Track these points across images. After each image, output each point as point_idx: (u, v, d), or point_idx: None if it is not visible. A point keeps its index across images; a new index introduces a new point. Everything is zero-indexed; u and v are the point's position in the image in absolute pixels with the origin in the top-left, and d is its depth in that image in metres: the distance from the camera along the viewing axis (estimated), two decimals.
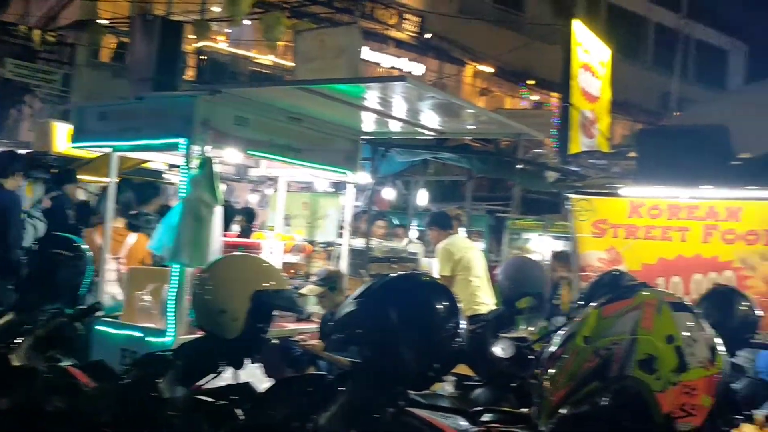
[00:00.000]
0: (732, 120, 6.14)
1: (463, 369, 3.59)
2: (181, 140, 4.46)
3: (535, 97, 19.98)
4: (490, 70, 19.15)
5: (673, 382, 1.47)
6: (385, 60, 17.29)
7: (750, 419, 3.34)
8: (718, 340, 1.56)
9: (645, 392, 1.48)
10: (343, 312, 1.99)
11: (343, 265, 5.66)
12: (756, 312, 3.50)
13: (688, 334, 1.51)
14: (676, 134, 6.40)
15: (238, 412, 2.26)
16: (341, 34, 6.07)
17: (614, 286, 3.67)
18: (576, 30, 8.74)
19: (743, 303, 3.47)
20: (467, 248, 6.22)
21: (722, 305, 3.42)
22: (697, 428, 1.51)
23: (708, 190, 5.14)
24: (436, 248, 6.25)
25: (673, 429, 1.48)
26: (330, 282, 4.88)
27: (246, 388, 2.39)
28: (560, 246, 8.48)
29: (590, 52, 9.12)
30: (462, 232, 7.66)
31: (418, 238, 9.70)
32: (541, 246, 9.21)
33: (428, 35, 17.88)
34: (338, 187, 6.62)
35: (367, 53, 15.46)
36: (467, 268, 6.00)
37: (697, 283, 4.97)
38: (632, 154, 6.24)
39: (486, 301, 5.94)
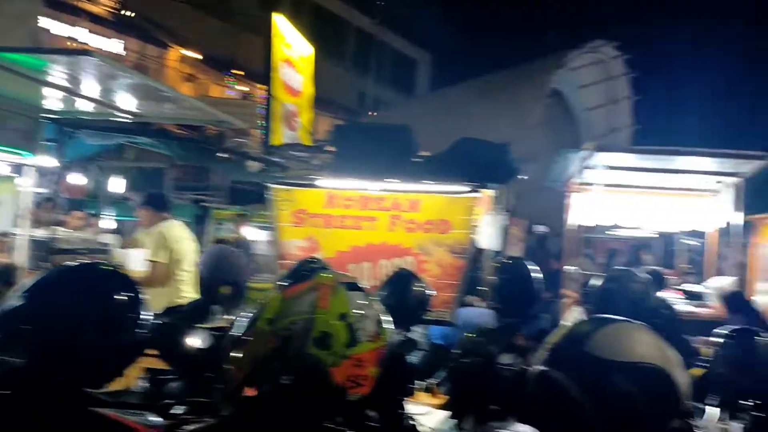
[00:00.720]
0: (417, 121, 6.83)
1: (158, 363, 3.46)
2: None
3: (243, 87, 19.99)
4: (197, 56, 18.66)
5: (344, 356, 1.58)
6: (80, 35, 15.81)
7: (427, 388, 3.75)
8: (386, 317, 1.71)
9: (320, 368, 1.56)
10: (8, 307, 1.78)
11: (20, 258, 5.07)
12: (428, 292, 3.95)
13: (359, 311, 1.64)
14: (368, 131, 6.91)
15: None
16: (19, 1, 5.39)
17: (309, 273, 3.84)
18: (278, 24, 8.92)
19: (418, 284, 3.88)
20: (184, 239, 5.92)
21: (401, 287, 3.80)
22: (365, 397, 1.65)
23: (394, 184, 5.64)
24: (148, 230, 5.79)
25: (344, 400, 1.59)
26: (3, 276, 4.34)
27: None
28: (264, 236, 8.59)
29: (292, 47, 9.39)
30: None
31: (115, 229, 9.09)
32: (247, 235, 9.25)
33: (129, 13, 16.80)
34: (18, 170, 5.90)
35: (57, 26, 13.98)
36: (178, 260, 5.71)
37: (384, 267, 5.42)
38: (330, 148, 6.58)
39: (191, 295, 5.74)
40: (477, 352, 2.94)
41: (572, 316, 4.56)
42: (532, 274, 3.92)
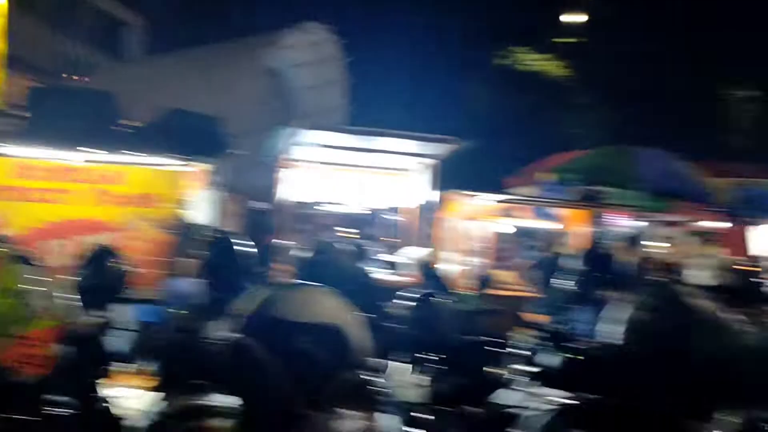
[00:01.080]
0: (127, 88, 6.42)
1: None
2: None
3: None
4: None
5: (10, 335, 1.44)
6: None
7: (135, 368, 3.57)
8: (64, 293, 1.60)
9: None
10: None
11: None
12: (130, 269, 3.74)
13: (32, 287, 1.51)
14: (67, 96, 6.33)
15: None
16: None
17: None
18: None
19: (118, 262, 3.66)
20: None
21: (99, 265, 3.54)
22: (47, 379, 1.53)
23: (97, 154, 5.26)
24: None
25: (17, 382, 1.45)
26: None
27: None
28: None
29: None
30: None
31: None
32: None
33: None
34: None
35: None
36: None
37: (84, 244, 5.02)
38: (24, 113, 5.92)
39: None
40: (184, 328, 2.90)
41: None
42: (244, 249, 3.94)
